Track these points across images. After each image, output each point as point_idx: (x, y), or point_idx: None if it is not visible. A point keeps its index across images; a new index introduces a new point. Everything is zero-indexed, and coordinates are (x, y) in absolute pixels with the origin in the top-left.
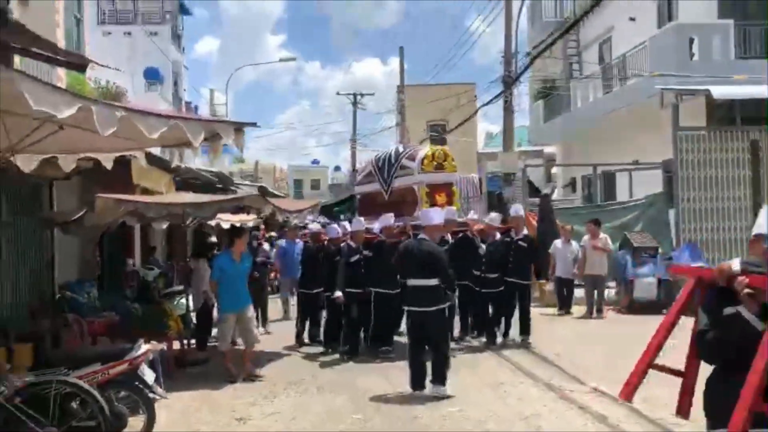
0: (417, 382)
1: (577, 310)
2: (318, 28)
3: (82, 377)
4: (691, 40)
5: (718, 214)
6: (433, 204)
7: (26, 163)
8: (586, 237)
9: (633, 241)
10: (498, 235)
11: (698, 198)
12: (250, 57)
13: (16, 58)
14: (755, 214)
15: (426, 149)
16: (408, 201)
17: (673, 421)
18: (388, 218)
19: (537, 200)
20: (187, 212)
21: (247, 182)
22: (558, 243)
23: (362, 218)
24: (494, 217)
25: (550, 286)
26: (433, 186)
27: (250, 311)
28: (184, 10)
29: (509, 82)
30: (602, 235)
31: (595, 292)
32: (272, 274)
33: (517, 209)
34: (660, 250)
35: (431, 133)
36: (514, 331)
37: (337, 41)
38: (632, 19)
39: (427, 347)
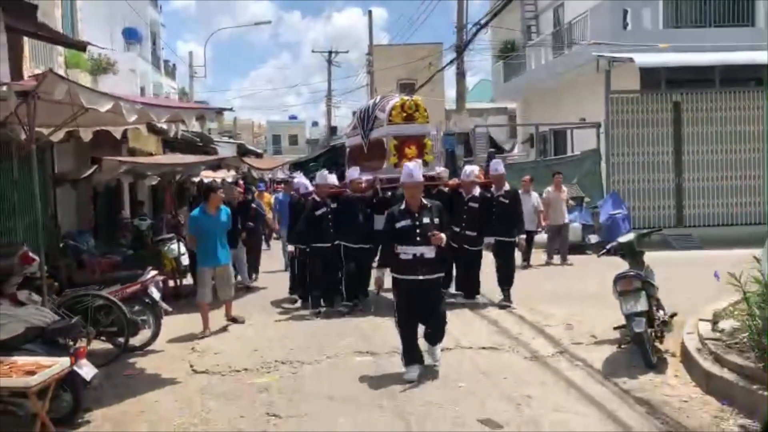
0: (413, 358)
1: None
2: None
3: (109, 294)
4: (625, 12)
5: (643, 168)
6: (401, 157)
7: (54, 134)
8: (549, 188)
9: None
10: (477, 191)
11: (626, 153)
12: (228, 7)
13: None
14: (677, 167)
15: (395, 99)
16: (380, 154)
17: None
18: (354, 171)
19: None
20: (176, 171)
21: (225, 139)
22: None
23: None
24: (471, 171)
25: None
26: (402, 138)
27: (227, 269)
28: None
29: (460, 50)
30: (564, 187)
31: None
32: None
33: (497, 165)
34: (587, 200)
35: (401, 92)
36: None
37: None
38: None
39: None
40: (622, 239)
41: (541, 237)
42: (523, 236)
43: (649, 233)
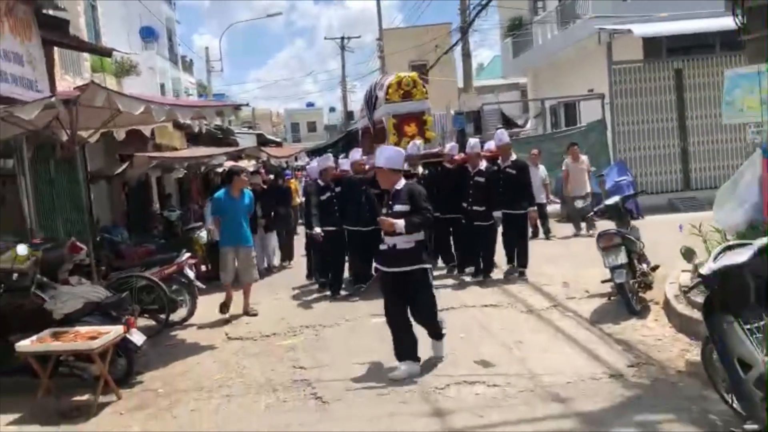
0: (399, 354)
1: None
2: None
3: (150, 275)
4: None
5: (648, 135)
6: (401, 136)
7: (92, 135)
8: (567, 159)
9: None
10: (484, 164)
11: (631, 122)
12: None
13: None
14: (681, 133)
15: (391, 77)
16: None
17: None
18: (356, 152)
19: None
20: (201, 163)
21: (245, 130)
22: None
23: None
24: (474, 143)
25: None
26: (401, 116)
27: (249, 251)
28: None
29: (464, 30)
30: (582, 156)
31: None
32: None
33: (501, 136)
34: (593, 169)
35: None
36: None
37: None
38: None
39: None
40: (608, 202)
41: (554, 208)
42: (534, 208)
43: (632, 195)
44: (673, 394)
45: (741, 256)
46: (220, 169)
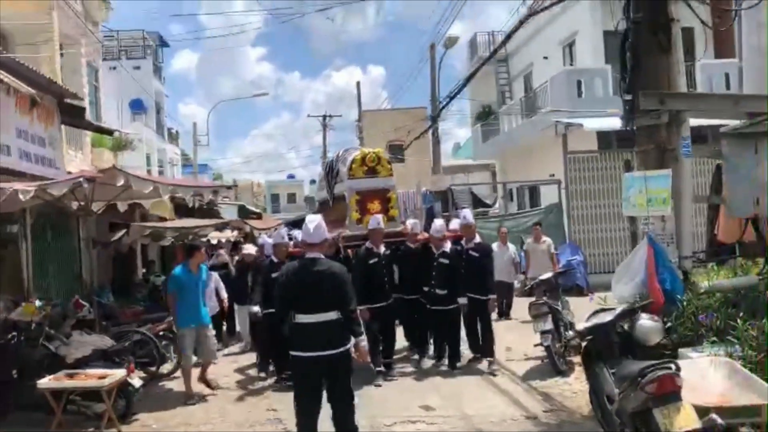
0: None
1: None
2: (298, 39)
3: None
4: (579, 82)
5: (600, 219)
6: (364, 212)
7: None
8: (529, 240)
9: (525, 241)
10: (449, 246)
11: (584, 206)
12: (230, 69)
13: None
14: (630, 217)
15: (356, 152)
16: (345, 209)
17: None
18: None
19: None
20: (191, 232)
21: (227, 201)
22: (494, 246)
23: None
24: (440, 226)
25: None
26: (364, 192)
27: (208, 329)
28: (163, 43)
29: (434, 118)
30: (545, 237)
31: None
32: None
33: (466, 215)
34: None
35: (390, 154)
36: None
37: (317, 50)
38: (545, 57)
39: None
40: (542, 277)
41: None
42: (494, 296)
43: (563, 272)
44: (573, 430)
45: (607, 316)
46: (205, 239)
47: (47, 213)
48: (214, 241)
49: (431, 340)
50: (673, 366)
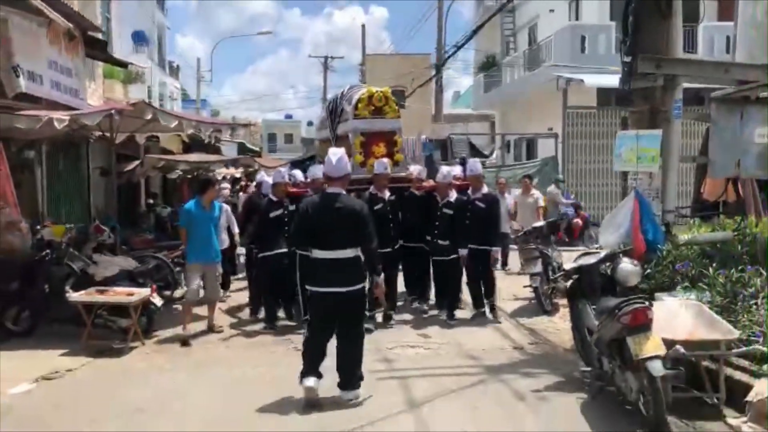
0: (313, 369)
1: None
2: None
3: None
4: (583, 38)
5: (594, 174)
6: (368, 155)
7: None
8: (517, 191)
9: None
10: (454, 195)
11: (580, 161)
12: (230, 3)
13: None
14: (623, 173)
15: (362, 90)
16: (348, 151)
17: None
18: (317, 169)
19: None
20: (201, 167)
21: (227, 138)
22: None
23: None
24: (447, 172)
25: None
26: (369, 134)
27: (216, 268)
28: None
29: (438, 67)
30: (533, 191)
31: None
32: None
33: (472, 166)
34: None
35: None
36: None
37: None
38: (551, 11)
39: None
40: (535, 224)
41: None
42: (498, 249)
43: (555, 221)
44: (555, 360)
45: (592, 259)
46: (210, 174)
47: (60, 141)
48: (219, 177)
49: (432, 289)
50: (645, 302)
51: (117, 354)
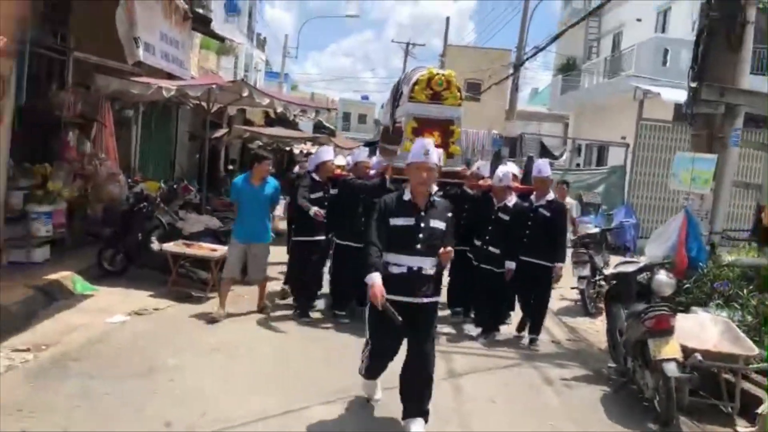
0: (378, 372)
1: None
2: None
3: None
4: (666, 51)
5: (660, 188)
6: None
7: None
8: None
9: (583, 197)
10: (513, 200)
11: (647, 173)
12: None
13: None
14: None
15: (423, 71)
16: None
17: None
18: (363, 152)
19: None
20: (283, 141)
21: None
22: None
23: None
24: (504, 174)
25: None
26: (423, 120)
27: (264, 248)
28: None
29: (517, 67)
30: (568, 198)
31: None
32: None
33: (541, 167)
34: (603, 207)
35: (467, 90)
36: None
37: None
38: (639, 20)
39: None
40: (590, 232)
41: None
42: (562, 264)
43: (609, 229)
44: (588, 356)
45: (631, 267)
46: (288, 148)
47: (155, 103)
48: (296, 151)
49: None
50: (669, 310)
51: (197, 301)
